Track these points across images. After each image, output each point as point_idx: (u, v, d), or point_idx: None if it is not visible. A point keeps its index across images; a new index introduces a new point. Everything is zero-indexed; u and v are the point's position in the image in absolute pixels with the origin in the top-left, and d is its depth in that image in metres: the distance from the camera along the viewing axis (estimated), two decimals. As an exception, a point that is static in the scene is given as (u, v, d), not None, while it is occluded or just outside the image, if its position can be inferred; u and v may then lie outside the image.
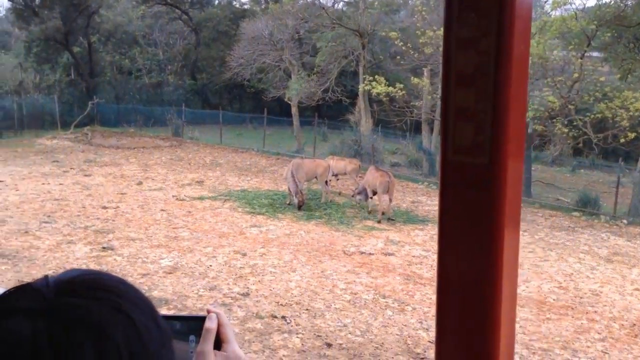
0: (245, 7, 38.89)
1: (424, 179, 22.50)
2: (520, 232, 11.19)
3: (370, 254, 13.17)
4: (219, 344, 1.07)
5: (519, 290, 11.52)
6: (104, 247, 12.03)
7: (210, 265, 11.47)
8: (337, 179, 19.61)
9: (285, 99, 27.98)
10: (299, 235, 14.31)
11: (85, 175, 20.41)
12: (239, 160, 25.19)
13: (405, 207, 18.10)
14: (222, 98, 39.52)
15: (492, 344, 0.85)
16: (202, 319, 1.08)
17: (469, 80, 0.79)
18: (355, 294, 10.56)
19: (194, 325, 1.08)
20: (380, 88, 20.72)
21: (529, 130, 19.88)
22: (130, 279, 9.58)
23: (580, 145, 31.62)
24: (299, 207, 16.75)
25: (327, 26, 26.33)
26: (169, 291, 9.88)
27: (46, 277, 0.78)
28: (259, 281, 10.81)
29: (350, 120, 27.11)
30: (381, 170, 17.09)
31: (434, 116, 22.37)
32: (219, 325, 1.07)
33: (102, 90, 37.00)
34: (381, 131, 26.45)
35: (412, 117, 22.70)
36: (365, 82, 20.91)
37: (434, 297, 1.81)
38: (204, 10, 38.28)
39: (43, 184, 18.72)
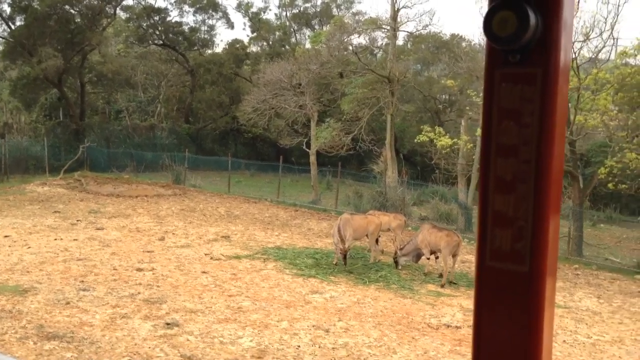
0: (248, 50, 37.49)
1: (462, 235, 21.09)
2: (595, 298, 9.68)
3: (457, 327, 11.77)
4: None
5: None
6: (167, 323, 10.31)
7: (299, 346, 9.88)
8: (379, 236, 18.12)
9: (304, 147, 26.47)
10: (368, 304, 12.82)
11: (98, 229, 18.52)
12: (256, 212, 23.54)
13: (459, 268, 16.68)
14: (215, 143, 37.84)
15: None
16: None
17: (508, 187, 0.78)
18: (479, 382, 9.10)
19: None
20: (444, 140, 19.37)
21: (581, 185, 18.95)
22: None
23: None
24: (344, 258, 15.56)
25: (357, 72, 25.21)
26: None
27: None
28: (365, 368, 9.27)
29: (374, 170, 25.87)
30: (445, 229, 15.73)
31: (470, 170, 21.32)
32: None
33: (90, 133, 34.96)
34: (406, 183, 25.15)
35: (451, 171, 21.54)
36: (423, 132, 19.68)
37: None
38: (201, 53, 36.74)
39: (55, 239, 16.79)
